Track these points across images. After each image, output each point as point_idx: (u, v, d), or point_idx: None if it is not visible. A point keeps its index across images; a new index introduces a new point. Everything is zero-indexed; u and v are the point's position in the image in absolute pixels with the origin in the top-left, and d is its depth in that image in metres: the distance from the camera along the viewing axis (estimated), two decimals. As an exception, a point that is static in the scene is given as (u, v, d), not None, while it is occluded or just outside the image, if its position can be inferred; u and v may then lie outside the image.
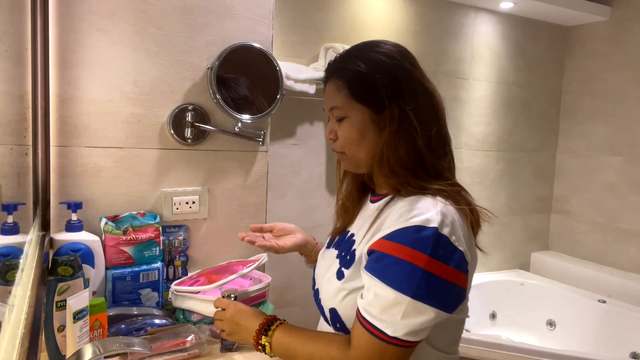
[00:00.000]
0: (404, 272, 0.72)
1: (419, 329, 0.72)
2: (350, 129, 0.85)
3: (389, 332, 0.72)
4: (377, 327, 0.73)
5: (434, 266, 0.72)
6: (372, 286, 0.75)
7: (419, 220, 0.74)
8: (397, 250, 0.73)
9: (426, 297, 0.71)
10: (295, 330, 0.86)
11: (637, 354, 2.16)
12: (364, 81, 0.83)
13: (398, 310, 0.72)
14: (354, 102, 0.84)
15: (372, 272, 0.76)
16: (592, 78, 2.67)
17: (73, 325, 0.88)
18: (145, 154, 1.27)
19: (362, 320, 0.75)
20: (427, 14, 2.31)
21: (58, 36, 1.14)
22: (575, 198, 2.76)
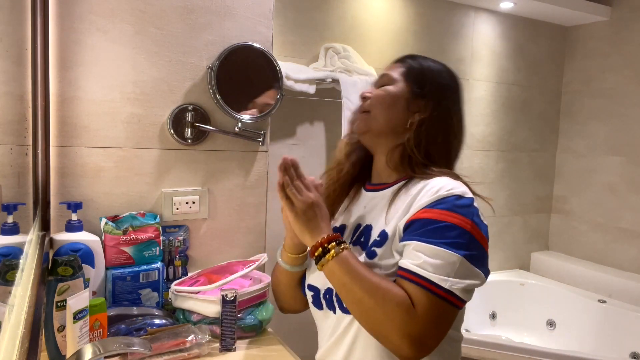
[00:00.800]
0: (453, 234, 0.76)
1: (469, 289, 0.76)
2: (387, 91, 0.94)
3: (446, 285, 0.74)
4: (435, 283, 0.75)
5: (476, 231, 0.78)
6: (421, 250, 0.77)
7: (458, 191, 0.81)
8: (443, 215, 0.78)
9: (474, 259, 0.76)
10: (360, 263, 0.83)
11: (637, 354, 2.17)
12: (421, 69, 0.96)
13: (451, 269, 0.75)
14: (402, 78, 0.95)
15: (419, 237, 0.78)
16: (592, 78, 2.67)
17: (73, 325, 0.88)
18: (145, 154, 1.27)
19: (417, 278, 0.76)
20: (427, 14, 2.31)
21: (58, 36, 1.14)
22: (575, 198, 2.76)
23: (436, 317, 0.75)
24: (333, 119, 2.03)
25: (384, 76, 0.98)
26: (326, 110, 2.04)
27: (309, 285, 0.99)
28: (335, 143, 2.09)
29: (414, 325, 0.74)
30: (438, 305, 0.75)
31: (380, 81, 0.98)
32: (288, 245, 0.99)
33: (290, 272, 1.01)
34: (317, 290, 0.96)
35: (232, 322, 1.08)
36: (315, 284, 0.97)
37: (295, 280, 1.04)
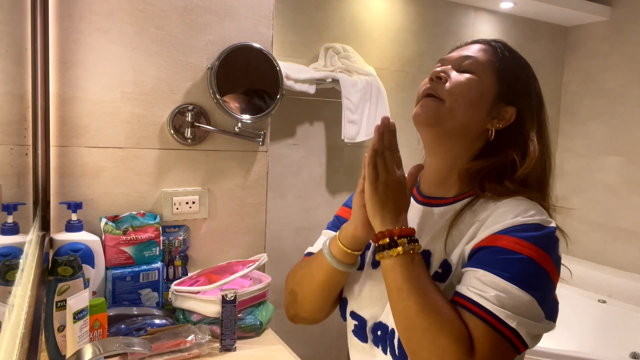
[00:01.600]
0: (528, 270, 0.65)
1: (536, 333, 0.65)
2: (473, 83, 0.76)
3: (513, 324, 0.62)
4: (500, 319, 0.62)
5: (552, 269, 0.67)
6: (487, 280, 0.65)
7: (539, 219, 0.68)
8: (519, 245, 0.65)
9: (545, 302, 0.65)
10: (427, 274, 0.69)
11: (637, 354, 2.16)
12: (515, 68, 0.79)
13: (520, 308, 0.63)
14: (491, 71, 0.77)
15: (486, 267, 0.65)
16: (592, 78, 2.67)
17: (73, 325, 0.88)
18: (145, 154, 1.27)
19: (479, 310, 0.64)
20: (427, 14, 2.31)
21: (58, 36, 1.14)
22: (575, 198, 2.76)
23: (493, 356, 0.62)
24: (333, 119, 2.03)
25: (469, 59, 0.78)
26: (326, 110, 2.04)
27: (352, 313, 0.83)
28: (336, 143, 2.09)
29: None
30: (499, 345, 0.62)
31: (462, 63, 0.78)
32: (348, 234, 0.77)
33: (333, 271, 0.80)
34: (364, 322, 0.81)
35: (232, 322, 1.07)
36: (361, 314, 0.82)
37: (335, 282, 0.82)
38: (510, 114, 0.77)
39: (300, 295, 0.86)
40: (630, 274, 2.46)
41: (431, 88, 0.77)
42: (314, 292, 0.84)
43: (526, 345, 0.64)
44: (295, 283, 0.88)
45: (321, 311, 0.87)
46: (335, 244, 0.79)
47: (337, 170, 2.14)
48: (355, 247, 0.78)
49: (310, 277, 0.84)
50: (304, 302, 0.86)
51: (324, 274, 0.81)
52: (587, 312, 2.38)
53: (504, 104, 0.77)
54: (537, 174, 0.77)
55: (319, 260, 0.82)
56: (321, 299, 0.84)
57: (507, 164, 0.76)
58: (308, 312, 0.87)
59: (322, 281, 0.82)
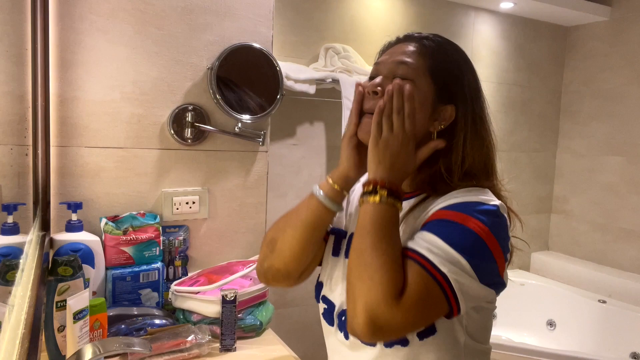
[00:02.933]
0: (465, 237, 0.69)
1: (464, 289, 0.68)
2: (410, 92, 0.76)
3: (444, 269, 0.67)
4: (432, 263, 0.67)
5: (491, 240, 0.70)
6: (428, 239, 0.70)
7: (480, 198, 0.73)
8: (460, 218, 0.70)
9: (479, 269, 0.68)
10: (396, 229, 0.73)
11: (637, 354, 2.16)
12: (449, 65, 0.80)
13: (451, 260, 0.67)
14: (426, 74, 0.78)
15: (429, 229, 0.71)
16: (592, 78, 2.67)
17: (73, 325, 0.88)
18: (145, 154, 1.27)
19: (416, 255, 0.69)
20: (427, 14, 2.31)
21: (58, 36, 1.14)
22: (575, 198, 2.76)
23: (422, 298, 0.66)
24: (333, 119, 2.03)
25: (403, 65, 0.78)
26: (326, 110, 2.04)
27: (324, 297, 0.87)
28: (336, 143, 2.09)
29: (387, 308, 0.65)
30: (428, 286, 0.66)
31: (396, 70, 0.79)
32: (341, 173, 0.82)
33: (319, 209, 0.82)
34: (332, 306, 0.85)
35: (232, 322, 1.08)
36: (331, 298, 0.86)
37: (318, 223, 0.83)
38: (450, 113, 0.79)
39: (280, 242, 0.86)
40: (630, 274, 2.46)
41: (371, 106, 0.78)
42: (297, 232, 0.83)
43: (457, 301, 0.68)
44: (276, 230, 0.88)
45: (298, 260, 0.85)
46: (325, 183, 0.83)
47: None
48: (346, 186, 0.83)
49: (296, 217, 0.85)
50: (283, 248, 0.85)
51: (310, 213, 0.83)
52: (587, 312, 2.38)
53: (442, 104, 0.79)
54: (483, 163, 0.81)
55: (306, 201, 0.85)
56: (302, 242, 0.83)
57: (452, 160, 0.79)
58: (284, 262, 0.85)
59: (307, 220, 0.83)
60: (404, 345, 0.75)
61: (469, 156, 0.79)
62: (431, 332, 0.74)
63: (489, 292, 0.72)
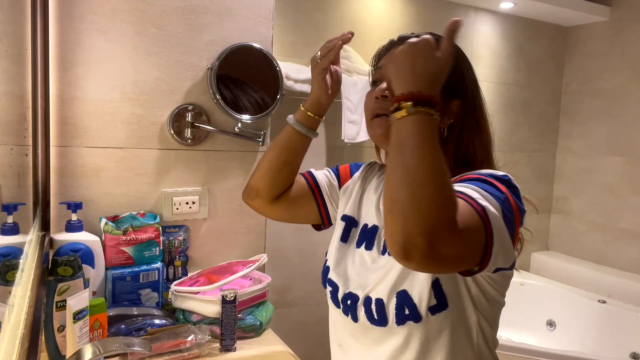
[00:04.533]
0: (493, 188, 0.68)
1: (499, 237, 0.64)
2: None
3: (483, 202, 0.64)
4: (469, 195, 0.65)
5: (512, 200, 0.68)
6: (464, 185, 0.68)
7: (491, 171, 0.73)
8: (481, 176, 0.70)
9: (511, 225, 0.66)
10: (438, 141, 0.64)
11: (637, 354, 2.16)
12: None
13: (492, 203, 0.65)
14: None
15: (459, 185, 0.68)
16: (592, 78, 2.67)
17: (73, 325, 0.88)
18: (145, 154, 1.27)
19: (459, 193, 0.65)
20: (427, 14, 2.31)
21: (58, 36, 1.14)
22: (575, 198, 2.76)
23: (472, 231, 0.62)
24: (333, 119, 2.03)
25: None
26: (326, 110, 2.04)
27: (329, 279, 0.88)
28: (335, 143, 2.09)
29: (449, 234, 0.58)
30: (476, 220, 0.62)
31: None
32: (313, 100, 0.92)
33: (293, 134, 0.94)
34: (337, 288, 0.86)
35: (232, 322, 1.08)
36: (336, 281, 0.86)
37: (292, 146, 0.95)
38: (456, 107, 0.81)
39: (260, 165, 0.98)
40: (630, 274, 2.46)
41: (381, 108, 0.80)
42: (271, 155, 0.96)
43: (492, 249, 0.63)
44: (261, 161, 0.99)
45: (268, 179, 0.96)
46: (299, 111, 0.94)
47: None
48: (318, 112, 0.94)
49: (274, 144, 0.97)
50: (259, 168, 0.97)
51: (284, 136, 0.95)
52: (587, 312, 2.38)
53: (448, 100, 0.80)
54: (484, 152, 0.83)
55: (282, 132, 0.96)
56: (273, 162, 0.96)
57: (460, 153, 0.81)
58: (257, 179, 0.97)
59: (280, 142, 0.95)
60: (417, 321, 0.74)
61: (471, 147, 0.81)
62: (443, 307, 0.74)
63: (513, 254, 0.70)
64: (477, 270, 0.66)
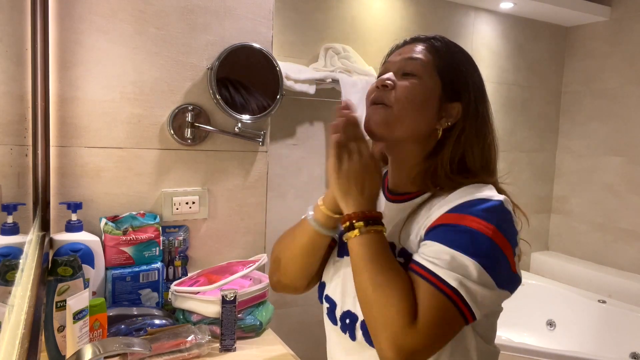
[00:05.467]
0: (472, 239, 0.68)
1: (479, 299, 0.67)
2: (418, 88, 0.78)
3: (454, 284, 0.66)
4: (441, 278, 0.67)
5: (499, 238, 0.69)
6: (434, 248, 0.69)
7: (484, 195, 0.72)
8: (463, 219, 0.70)
9: (491, 268, 0.67)
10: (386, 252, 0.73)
11: (637, 354, 2.16)
12: (455, 64, 0.81)
13: (463, 271, 0.67)
14: (434, 71, 0.79)
15: (436, 239, 0.70)
16: (592, 78, 2.66)
17: (73, 325, 0.88)
18: (145, 154, 1.27)
19: (419, 269, 0.69)
20: (427, 14, 2.31)
21: (58, 36, 1.14)
22: (575, 198, 2.75)
23: (438, 319, 0.66)
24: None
25: (412, 61, 0.79)
26: (326, 110, 2.04)
27: (327, 296, 0.88)
28: (335, 143, 2.09)
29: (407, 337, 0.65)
30: (442, 305, 0.66)
31: (405, 67, 0.80)
32: (329, 200, 0.81)
33: (315, 235, 0.84)
34: (334, 305, 0.85)
35: (232, 322, 1.08)
36: (333, 298, 0.86)
37: (316, 247, 0.86)
38: (457, 111, 0.80)
39: (283, 261, 0.90)
40: (630, 274, 2.46)
41: (378, 96, 0.79)
42: (296, 255, 0.87)
43: (472, 312, 0.67)
44: (279, 250, 0.91)
45: (302, 277, 0.90)
46: (318, 209, 0.83)
47: (337, 171, 2.13)
48: (338, 210, 0.81)
49: (293, 242, 0.88)
50: (287, 267, 0.89)
51: (306, 238, 0.85)
52: (587, 312, 2.38)
53: (449, 102, 0.80)
54: (484, 161, 0.81)
55: (302, 225, 0.86)
56: (302, 264, 0.88)
57: (456, 157, 0.79)
58: (290, 279, 0.90)
59: (305, 244, 0.86)
60: None
61: (469, 153, 0.79)
62: None
63: (505, 294, 0.72)
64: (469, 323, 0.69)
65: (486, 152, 0.81)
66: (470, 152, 0.79)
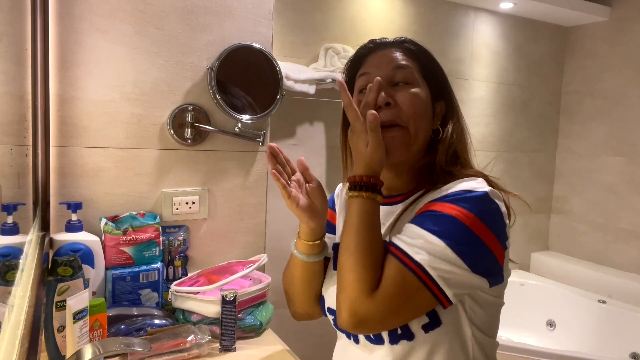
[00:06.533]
0: (446, 223, 0.69)
1: (446, 275, 0.68)
2: (420, 98, 0.79)
3: (417, 257, 0.68)
4: (406, 252, 0.70)
5: (476, 226, 0.69)
6: (408, 230, 0.72)
7: (469, 186, 0.73)
8: (443, 207, 0.71)
9: (463, 253, 0.68)
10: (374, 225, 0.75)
11: (637, 354, 2.16)
12: (431, 65, 0.84)
13: (430, 249, 0.69)
14: (420, 76, 0.82)
15: (414, 222, 0.73)
16: (592, 78, 2.67)
17: (73, 325, 0.88)
18: (145, 154, 1.27)
19: (392, 248, 0.72)
20: (427, 14, 2.31)
21: (58, 36, 1.14)
22: (575, 198, 2.76)
23: (397, 290, 0.68)
24: (333, 119, 2.03)
25: (402, 69, 0.80)
26: (326, 110, 2.04)
27: (329, 308, 0.89)
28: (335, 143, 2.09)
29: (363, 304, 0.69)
30: (404, 277, 0.68)
31: (395, 75, 0.80)
32: (303, 231, 0.85)
33: (306, 264, 0.87)
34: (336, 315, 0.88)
35: (232, 323, 1.08)
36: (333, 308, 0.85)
37: (312, 274, 0.89)
38: (441, 109, 0.84)
39: (290, 293, 0.94)
40: (630, 274, 2.46)
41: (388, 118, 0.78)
42: (299, 287, 0.91)
43: (443, 292, 0.69)
44: (285, 284, 0.95)
45: (312, 304, 0.92)
46: (299, 241, 0.87)
47: (337, 170, 2.13)
48: (315, 237, 0.85)
49: (292, 276, 0.91)
50: (295, 299, 0.93)
51: (300, 269, 0.88)
52: (587, 312, 2.38)
53: (436, 102, 0.84)
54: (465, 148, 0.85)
55: (292, 260, 0.90)
56: (307, 293, 0.91)
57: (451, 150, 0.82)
58: (302, 308, 0.94)
59: (301, 276, 0.89)
60: (410, 340, 0.75)
61: (460, 143, 0.83)
62: (436, 324, 0.74)
63: (482, 280, 0.71)
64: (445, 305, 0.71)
65: (465, 139, 0.85)
66: (460, 142, 0.83)
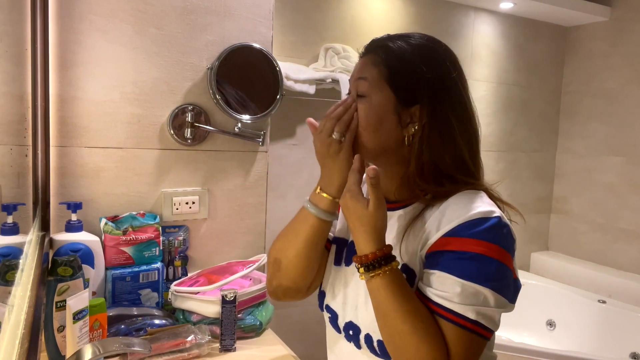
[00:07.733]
0: (478, 265, 0.69)
1: (496, 316, 0.70)
2: (368, 110, 0.78)
3: (473, 316, 0.68)
4: (461, 315, 0.68)
5: (503, 256, 0.70)
6: (445, 281, 0.70)
7: (480, 212, 0.71)
8: (466, 244, 0.70)
9: (501, 288, 0.70)
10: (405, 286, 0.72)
11: (637, 354, 2.16)
12: (405, 67, 0.77)
13: (477, 300, 0.69)
14: (383, 84, 0.77)
15: (442, 268, 0.71)
16: (592, 78, 2.67)
17: (73, 325, 0.88)
18: (145, 154, 1.27)
19: (439, 309, 0.70)
20: (427, 14, 2.31)
21: (58, 36, 1.14)
22: (575, 198, 2.76)
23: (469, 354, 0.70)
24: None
25: (361, 81, 0.79)
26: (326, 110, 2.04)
27: (327, 306, 0.88)
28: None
29: None
30: (468, 339, 0.69)
31: (357, 87, 0.80)
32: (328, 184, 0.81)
33: (317, 222, 0.82)
34: (336, 315, 0.86)
35: (232, 323, 1.08)
36: (334, 308, 0.86)
37: (319, 236, 0.83)
38: (419, 113, 0.76)
39: (284, 261, 0.86)
40: (630, 274, 2.46)
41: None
42: (300, 250, 0.84)
43: (491, 330, 0.71)
44: (278, 250, 0.88)
45: (305, 276, 0.87)
46: (319, 196, 0.82)
47: (337, 171, 2.13)
48: (338, 194, 0.80)
49: (296, 237, 0.84)
50: (289, 267, 0.86)
51: (308, 228, 0.82)
52: (587, 312, 2.38)
53: (407, 107, 0.77)
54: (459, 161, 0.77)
55: (302, 217, 0.84)
56: (306, 259, 0.85)
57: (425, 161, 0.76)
58: (292, 279, 0.87)
59: (306, 238, 0.83)
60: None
61: (437, 155, 0.76)
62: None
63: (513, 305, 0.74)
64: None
65: (458, 152, 0.77)
66: (438, 154, 0.76)
